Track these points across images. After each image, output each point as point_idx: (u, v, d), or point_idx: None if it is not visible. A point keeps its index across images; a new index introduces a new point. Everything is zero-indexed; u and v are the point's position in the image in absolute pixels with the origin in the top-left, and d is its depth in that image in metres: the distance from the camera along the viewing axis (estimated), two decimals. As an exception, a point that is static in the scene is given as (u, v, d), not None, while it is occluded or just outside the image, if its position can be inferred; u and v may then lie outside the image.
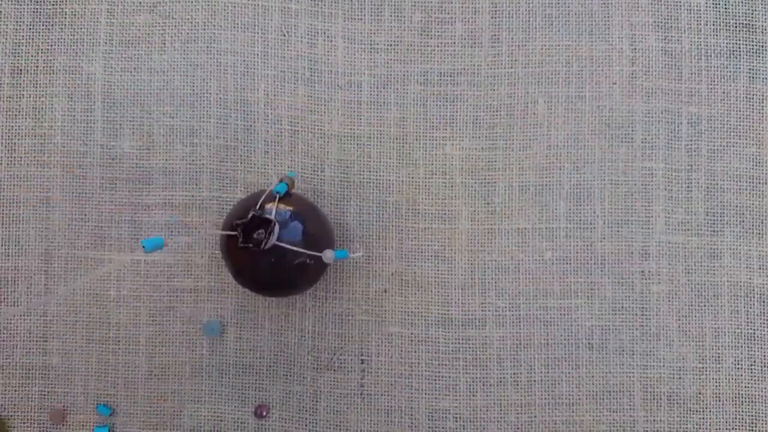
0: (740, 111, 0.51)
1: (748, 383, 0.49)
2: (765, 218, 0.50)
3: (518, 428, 0.49)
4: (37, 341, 0.50)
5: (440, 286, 0.50)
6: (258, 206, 0.44)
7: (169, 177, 0.50)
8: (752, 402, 0.49)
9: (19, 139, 0.51)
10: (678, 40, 0.51)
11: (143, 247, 0.40)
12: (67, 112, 0.51)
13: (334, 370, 0.50)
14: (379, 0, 0.51)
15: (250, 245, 0.43)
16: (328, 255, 0.45)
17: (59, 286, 0.50)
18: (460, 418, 0.49)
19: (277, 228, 0.44)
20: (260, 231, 0.44)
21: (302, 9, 0.51)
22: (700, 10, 0.51)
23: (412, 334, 0.50)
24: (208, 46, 0.51)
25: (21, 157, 0.50)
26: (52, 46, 0.51)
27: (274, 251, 0.44)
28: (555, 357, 0.50)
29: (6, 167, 0.50)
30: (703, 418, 0.49)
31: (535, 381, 0.50)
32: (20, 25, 0.51)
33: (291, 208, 0.45)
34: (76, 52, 0.51)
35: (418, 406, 0.50)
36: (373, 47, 0.51)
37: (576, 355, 0.50)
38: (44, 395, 0.50)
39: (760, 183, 0.50)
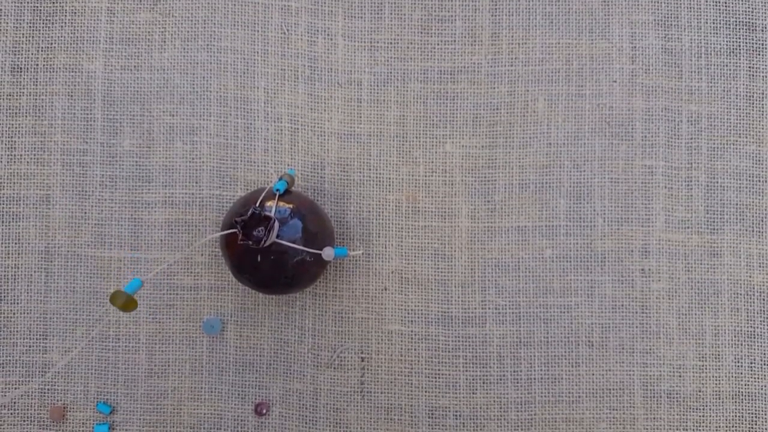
0: (740, 109, 0.51)
1: (748, 381, 0.49)
2: (765, 216, 0.50)
3: (518, 426, 0.49)
4: (36, 339, 0.50)
5: (440, 284, 0.50)
6: (258, 203, 0.44)
7: (169, 175, 0.50)
8: (752, 399, 0.49)
9: (19, 137, 0.51)
10: (678, 38, 0.51)
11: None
12: (67, 109, 0.51)
13: (334, 368, 0.50)
14: (379, -2, 0.51)
15: (250, 242, 0.44)
16: (327, 252, 0.45)
17: (59, 283, 0.50)
18: (460, 415, 0.49)
19: (276, 225, 0.44)
20: (260, 228, 0.44)
21: (302, 7, 0.51)
22: (700, 8, 0.51)
23: (411, 331, 0.50)
24: (208, 44, 0.51)
25: (21, 155, 0.50)
26: (52, 44, 0.51)
27: (274, 248, 0.44)
28: (555, 355, 0.50)
29: (6, 165, 0.50)
30: (703, 416, 0.49)
31: (535, 379, 0.50)
32: (20, 23, 0.51)
33: (291, 206, 0.45)
34: (77, 50, 0.51)
35: (418, 404, 0.50)
36: (373, 45, 0.51)
37: (576, 352, 0.50)
38: (44, 392, 0.50)
39: (760, 181, 0.50)
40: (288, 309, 0.50)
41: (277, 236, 0.44)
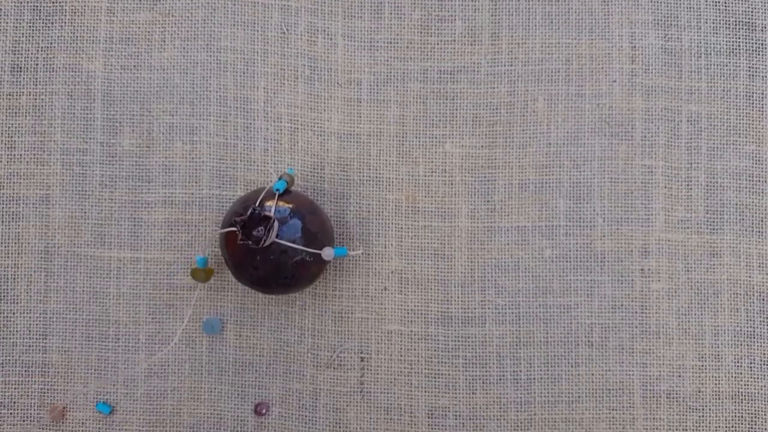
0: (740, 109, 0.51)
1: (748, 381, 0.49)
2: (765, 216, 0.50)
3: (517, 426, 0.49)
4: (36, 338, 0.50)
5: (440, 284, 0.50)
6: (257, 203, 0.44)
7: (168, 174, 0.50)
8: (752, 400, 0.49)
9: (18, 137, 0.51)
10: (678, 38, 0.51)
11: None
12: (67, 109, 0.51)
13: (334, 368, 0.50)
14: (379, -2, 0.51)
15: (250, 242, 0.44)
16: (327, 252, 0.45)
17: (59, 283, 0.50)
18: (459, 415, 0.49)
19: (276, 225, 0.44)
20: (260, 228, 0.44)
21: (302, 6, 0.51)
22: (699, 8, 0.51)
23: (411, 331, 0.50)
24: (207, 44, 0.51)
25: (21, 155, 0.50)
26: (52, 43, 0.51)
27: (274, 248, 0.44)
28: (554, 355, 0.50)
29: (6, 165, 0.50)
30: (703, 416, 0.49)
31: (534, 379, 0.50)
32: (20, 23, 0.51)
33: (290, 206, 0.45)
34: (76, 50, 0.51)
35: (417, 404, 0.50)
36: (373, 45, 0.51)
37: (575, 352, 0.50)
38: (44, 393, 0.50)
39: (759, 181, 0.50)
40: (288, 309, 0.50)
41: (277, 236, 0.44)
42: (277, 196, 0.45)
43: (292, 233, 0.44)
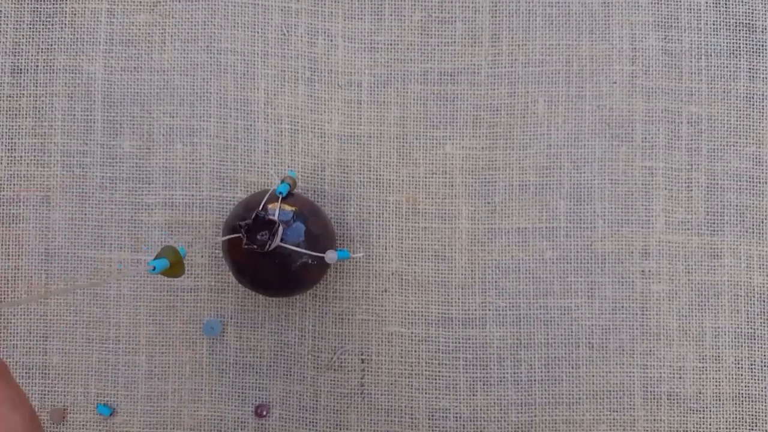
0: (740, 110, 0.51)
1: (748, 382, 0.49)
2: (765, 218, 0.50)
3: (518, 427, 0.49)
4: (37, 340, 0.50)
5: (440, 286, 0.50)
6: (261, 207, 0.44)
7: (169, 176, 0.50)
8: (752, 401, 0.49)
9: (19, 139, 0.50)
10: (678, 39, 0.51)
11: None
12: (67, 111, 0.51)
13: (335, 370, 0.50)
14: (380, -1, 0.51)
15: (255, 246, 0.43)
16: (330, 255, 0.45)
17: (59, 284, 0.50)
18: (460, 417, 0.49)
19: (281, 229, 0.44)
20: (264, 232, 0.44)
21: (302, 8, 0.51)
22: (700, 10, 0.51)
23: (412, 333, 0.50)
24: (208, 46, 0.51)
25: (21, 157, 0.50)
26: (52, 45, 0.51)
27: (278, 252, 0.44)
28: (555, 356, 0.50)
29: (6, 166, 0.50)
30: (703, 418, 0.49)
31: (535, 380, 0.50)
32: (20, 24, 0.51)
33: (293, 209, 0.45)
34: (76, 52, 0.51)
35: (418, 406, 0.50)
36: (374, 46, 0.51)
37: (576, 354, 0.50)
38: (44, 394, 0.50)
39: (760, 182, 0.50)
40: (288, 311, 0.50)
41: (281, 239, 0.44)
42: (280, 200, 0.45)
43: (295, 236, 0.44)
